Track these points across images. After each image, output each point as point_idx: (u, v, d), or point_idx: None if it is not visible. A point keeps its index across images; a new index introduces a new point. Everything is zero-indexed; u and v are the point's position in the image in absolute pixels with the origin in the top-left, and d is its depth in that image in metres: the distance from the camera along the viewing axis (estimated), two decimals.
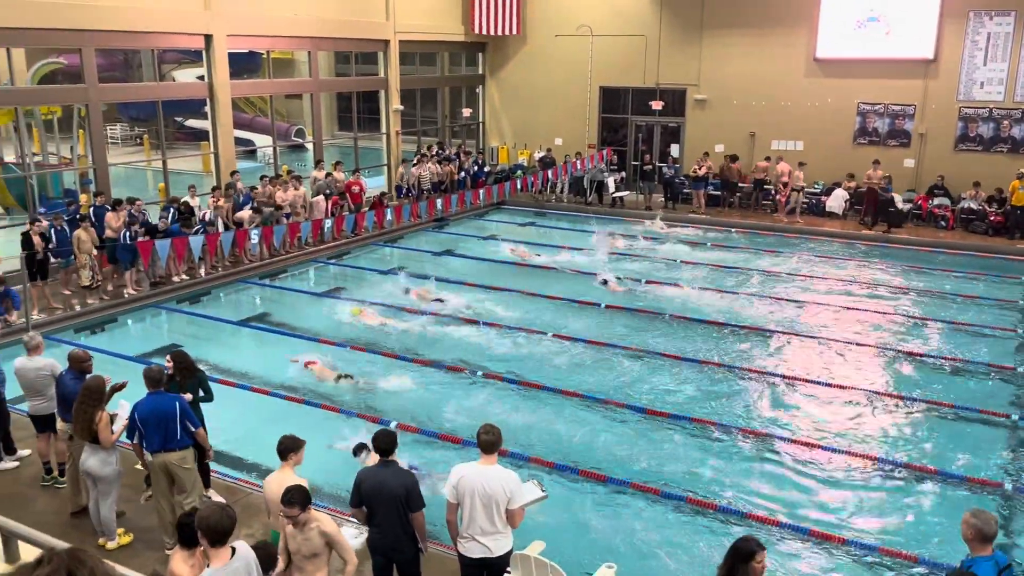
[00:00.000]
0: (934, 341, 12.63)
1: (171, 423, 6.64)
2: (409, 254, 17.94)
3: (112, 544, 6.96)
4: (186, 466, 6.80)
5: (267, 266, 16.29)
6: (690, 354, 11.87)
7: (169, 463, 6.73)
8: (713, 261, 17.16)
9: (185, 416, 6.73)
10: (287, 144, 25.44)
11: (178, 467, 6.75)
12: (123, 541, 7.05)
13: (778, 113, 22.02)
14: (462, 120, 26.38)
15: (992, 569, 4.73)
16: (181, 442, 6.73)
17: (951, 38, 19.96)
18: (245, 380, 10.80)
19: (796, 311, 14.12)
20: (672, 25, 22.95)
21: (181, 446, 6.74)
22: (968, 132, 20.22)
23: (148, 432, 6.65)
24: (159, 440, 6.66)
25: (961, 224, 19.54)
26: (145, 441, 6.70)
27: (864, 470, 8.78)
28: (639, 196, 22.82)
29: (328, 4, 20.16)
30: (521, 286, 14.96)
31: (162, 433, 6.65)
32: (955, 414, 10.04)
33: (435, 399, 10.34)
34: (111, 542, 6.97)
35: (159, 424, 6.62)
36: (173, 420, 6.65)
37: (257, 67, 21.70)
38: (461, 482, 5.44)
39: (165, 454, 6.69)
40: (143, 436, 6.69)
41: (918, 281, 15.93)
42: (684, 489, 8.26)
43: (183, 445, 6.75)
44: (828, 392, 10.70)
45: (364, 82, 23.00)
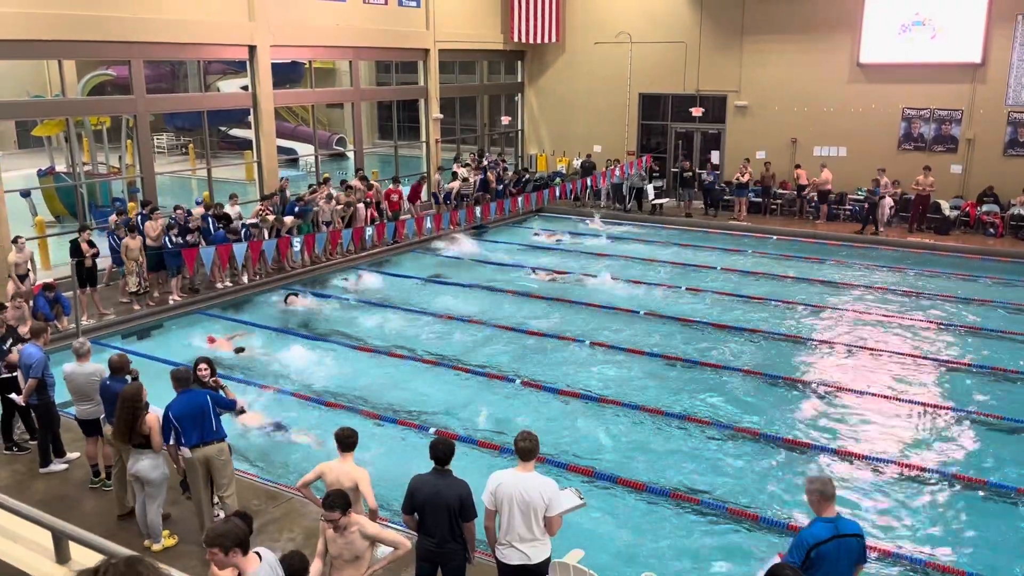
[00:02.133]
0: (982, 350, 12.34)
1: (207, 416, 6.89)
2: (444, 261, 18.02)
3: (157, 546, 7.10)
4: (223, 458, 7.01)
5: (308, 273, 16.50)
6: (728, 361, 11.76)
7: (209, 456, 6.92)
8: (745, 267, 16.99)
9: (218, 404, 7.05)
10: (328, 153, 25.74)
11: (217, 459, 6.95)
12: (168, 543, 7.18)
13: (820, 119, 21.74)
14: (501, 128, 26.47)
15: (828, 530, 4.82)
16: (218, 434, 6.98)
17: (999, 42, 19.54)
18: (284, 385, 10.94)
19: (836, 319, 13.90)
20: (712, 31, 22.80)
21: (219, 438, 6.98)
22: (1018, 137, 19.76)
23: (185, 428, 6.84)
24: (197, 435, 6.87)
25: (1011, 231, 19.09)
26: (184, 437, 6.86)
27: (914, 482, 8.60)
28: (679, 203, 22.67)
29: (369, 14, 20.39)
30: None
31: (199, 427, 6.87)
32: (1008, 425, 9.79)
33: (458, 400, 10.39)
34: (156, 544, 7.11)
35: (195, 419, 6.85)
36: (208, 413, 6.89)
37: (299, 77, 22.00)
38: (499, 489, 5.44)
39: (204, 447, 6.90)
40: (179, 435, 6.85)
41: (966, 289, 15.59)
42: (722, 499, 8.18)
43: (220, 437, 7.00)
44: (875, 403, 10.50)
45: (404, 91, 23.21)
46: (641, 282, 15.96)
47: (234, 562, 4.27)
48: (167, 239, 14.13)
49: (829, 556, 4.81)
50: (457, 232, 19.49)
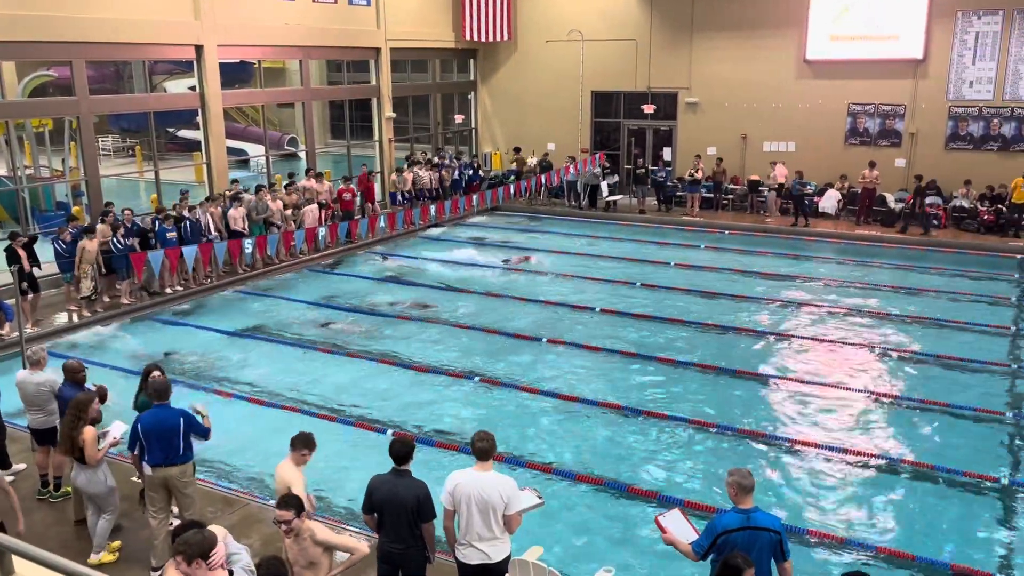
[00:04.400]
0: (929, 339, 12.67)
1: (175, 437, 6.55)
2: (403, 262, 17.93)
3: (93, 559, 6.87)
4: (186, 479, 6.73)
5: (262, 275, 16.30)
6: (683, 355, 11.90)
7: (170, 477, 6.63)
8: (708, 263, 17.23)
9: (191, 429, 6.64)
10: (280, 153, 25.41)
11: (178, 480, 6.66)
12: (105, 559, 6.93)
13: (769, 115, 22.09)
14: (455, 126, 26.41)
15: (739, 521, 4.91)
16: (183, 456, 6.65)
17: (940, 38, 20.05)
18: (241, 390, 10.80)
19: (787, 312, 14.16)
20: (662, 29, 23.03)
21: (183, 460, 6.66)
22: (959, 131, 20.31)
23: (150, 446, 6.55)
24: (162, 455, 6.57)
25: (953, 223, 19.62)
26: (147, 455, 6.60)
27: (861, 468, 8.80)
28: (632, 200, 22.87)
29: (319, 13, 20.18)
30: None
31: (165, 447, 6.55)
32: (950, 412, 10.07)
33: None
34: (94, 557, 6.90)
35: (162, 438, 6.53)
36: (178, 435, 6.56)
37: (249, 77, 21.68)
38: (457, 489, 5.43)
39: (166, 468, 6.60)
40: (144, 449, 6.59)
41: (911, 280, 15.99)
42: (679, 491, 8.27)
43: (184, 459, 6.68)
44: (823, 392, 10.72)
45: (356, 90, 23.02)
46: (597, 279, 16.08)
47: (196, 574, 4.20)
48: (113, 242, 13.83)
49: (737, 546, 4.86)
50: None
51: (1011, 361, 11.76)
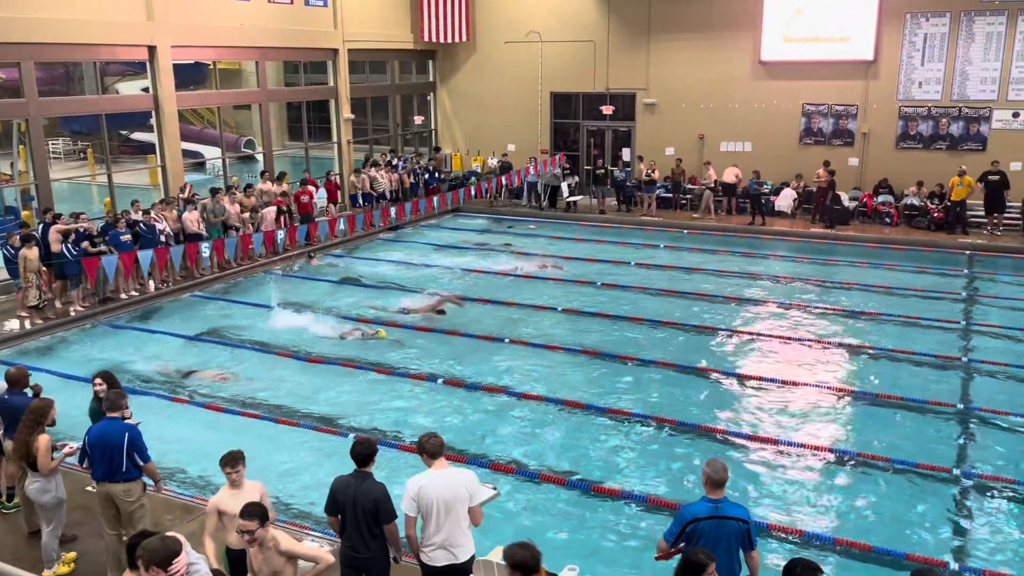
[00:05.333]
0: (882, 334, 12.94)
1: (116, 454, 6.33)
2: (364, 263, 17.82)
3: (48, 573, 6.72)
4: (130, 499, 6.49)
5: (220, 279, 16.09)
6: (644, 354, 11.99)
7: (113, 494, 6.46)
8: (668, 262, 17.39)
9: (133, 448, 6.39)
10: (237, 155, 25.09)
11: (122, 499, 6.47)
12: (60, 571, 6.78)
13: (726, 115, 22.37)
14: (414, 128, 26.32)
15: (708, 510, 5.06)
16: (126, 474, 6.42)
17: (890, 40, 20.49)
18: (198, 397, 10.64)
19: (746, 309, 14.36)
20: (620, 30, 23.19)
21: (126, 478, 6.43)
22: (909, 130, 20.77)
23: (94, 460, 6.39)
24: (104, 470, 6.39)
25: (905, 220, 20.06)
26: (92, 468, 6.45)
27: (818, 462, 8.95)
28: (592, 200, 23.00)
29: (274, 13, 19.97)
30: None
31: (107, 463, 6.36)
32: (904, 405, 10.29)
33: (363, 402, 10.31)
34: (47, 570, 6.75)
35: (105, 453, 6.35)
36: (119, 452, 6.33)
37: (204, 78, 21.38)
38: (422, 492, 5.39)
39: (109, 484, 6.43)
40: (91, 463, 6.44)
41: (865, 276, 16.30)
42: (644, 489, 8.34)
43: (128, 477, 6.44)
44: (780, 388, 10.89)
45: (313, 91, 22.83)
46: (558, 279, 16.15)
47: None
48: (66, 248, 13.54)
49: (705, 534, 5.00)
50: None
51: (961, 354, 12.06)
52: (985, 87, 19.83)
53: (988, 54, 19.66)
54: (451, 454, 7.38)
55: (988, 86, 19.80)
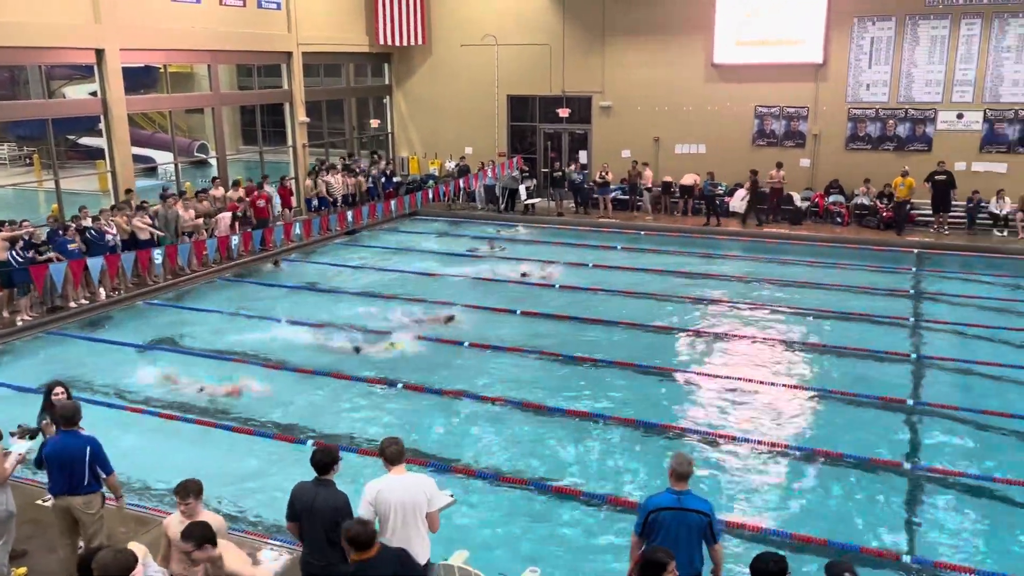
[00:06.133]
0: (835, 332, 13.18)
1: (78, 467, 6.22)
2: (323, 268, 17.66)
3: None
4: (90, 511, 6.39)
5: (173, 286, 15.81)
6: (603, 354, 12.06)
7: (73, 507, 6.33)
8: (625, 263, 17.52)
9: (96, 460, 6.30)
10: (189, 160, 24.68)
11: (82, 511, 6.34)
12: None
13: (680, 118, 22.61)
14: (370, 131, 26.16)
15: (670, 501, 5.18)
16: (88, 487, 6.32)
17: (838, 43, 20.90)
18: (152, 405, 10.44)
19: (702, 309, 14.53)
20: (575, 33, 23.31)
21: (88, 491, 6.33)
22: (858, 132, 21.21)
23: (53, 473, 6.26)
24: (64, 483, 6.26)
25: (855, 220, 20.47)
26: (49, 482, 6.30)
27: (774, 458, 9.09)
28: (550, 203, 23.08)
29: (226, 16, 19.70)
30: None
31: (67, 477, 6.24)
32: (856, 401, 10.50)
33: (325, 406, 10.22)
34: None
35: (65, 466, 6.22)
36: (81, 464, 6.22)
37: (154, 81, 21.00)
38: (380, 497, 5.37)
39: (69, 497, 6.30)
40: (49, 475, 6.30)
41: (818, 275, 16.60)
42: (604, 489, 8.39)
43: (90, 490, 6.34)
44: (737, 385, 11.04)
45: (267, 95, 22.56)
46: (516, 281, 16.16)
47: None
48: (12, 255, 13.18)
49: (665, 525, 5.09)
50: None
51: (911, 351, 12.34)
52: (930, 89, 20.34)
53: (932, 57, 20.17)
54: (411, 458, 7.35)
55: (933, 88, 20.31)
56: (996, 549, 7.47)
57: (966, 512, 8.08)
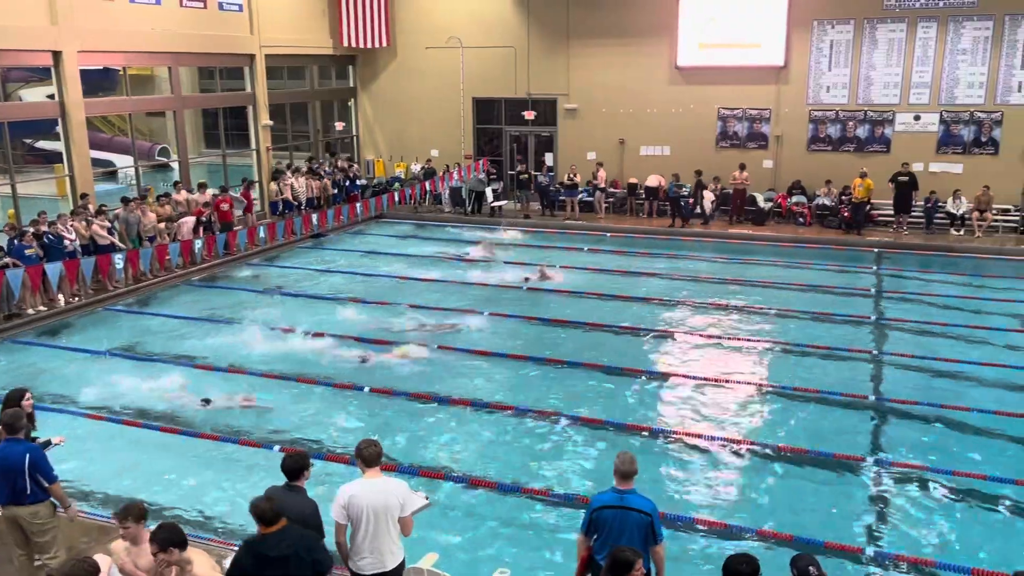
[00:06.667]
0: (798, 330, 13.37)
1: (19, 476, 6.06)
2: (286, 272, 17.50)
3: None
4: (38, 521, 6.25)
5: (134, 291, 15.58)
6: (570, 356, 12.10)
7: (19, 517, 6.21)
8: (592, 265, 17.60)
9: (36, 469, 6.13)
10: (150, 164, 24.32)
11: (29, 523, 6.22)
12: None
13: (645, 120, 22.78)
14: (335, 134, 26.00)
15: (613, 500, 5.25)
16: (32, 497, 6.16)
17: (799, 46, 21.21)
18: (114, 413, 10.26)
19: (668, 309, 14.64)
20: (539, 36, 23.39)
21: (32, 500, 6.17)
22: (818, 133, 21.54)
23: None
24: (7, 493, 6.14)
25: (817, 220, 20.77)
26: None
27: (741, 456, 9.19)
28: (517, 205, 23.10)
29: (187, 18, 19.46)
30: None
31: (10, 486, 6.10)
32: (820, 398, 10.65)
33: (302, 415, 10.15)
34: None
35: (6, 476, 6.08)
36: (21, 474, 6.06)
37: (114, 84, 20.66)
38: (353, 501, 5.34)
39: (15, 508, 6.17)
40: None
41: (782, 275, 16.81)
42: (572, 489, 8.42)
43: (34, 500, 6.19)
44: (703, 385, 11.15)
45: (230, 98, 22.33)
46: (483, 283, 16.16)
47: None
48: None
49: (608, 523, 5.16)
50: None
51: (873, 348, 12.55)
52: (888, 91, 20.73)
53: (890, 60, 20.55)
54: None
55: (891, 90, 20.70)
56: (956, 541, 7.62)
57: (927, 506, 8.23)
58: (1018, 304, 14.67)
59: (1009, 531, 7.83)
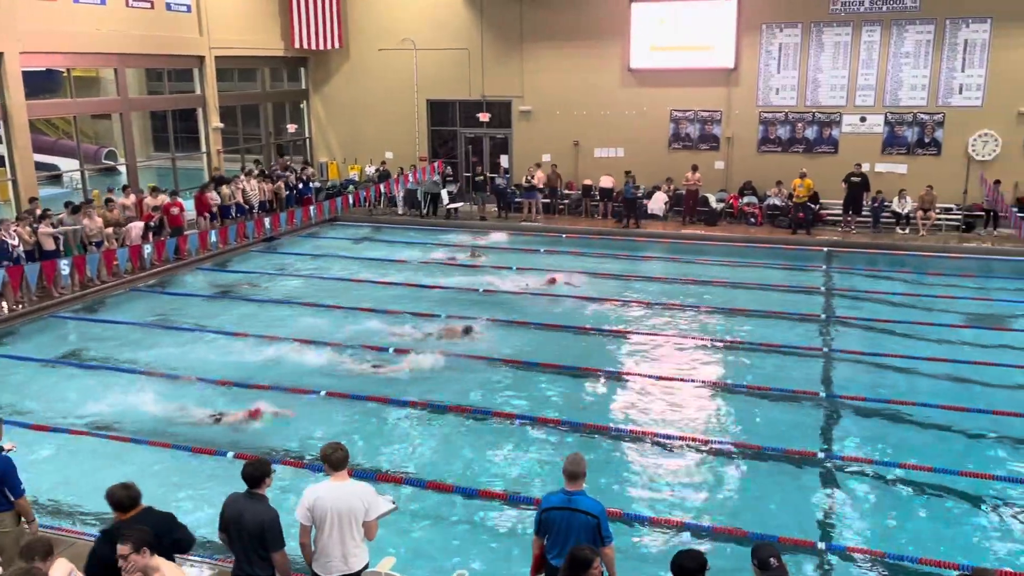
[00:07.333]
0: (751, 329, 13.57)
1: None
2: (240, 276, 17.25)
3: None
4: (3, 529, 6.18)
5: (81, 298, 15.21)
6: (527, 356, 12.13)
7: None
8: (550, 266, 17.67)
9: (3, 482, 6.07)
10: (97, 168, 23.77)
11: None
12: None
13: (599, 122, 22.95)
14: (287, 136, 25.72)
15: (561, 501, 5.30)
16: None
17: (748, 49, 21.57)
18: (62, 422, 10.01)
19: (624, 309, 14.76)
20: (493, 38, 23.42)
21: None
22: (768, 135, 21.92)
23: None
24: None
25: (768, 220, 21.13)
26: None
27: (696, 453, 9.30)
28: (473, 207, 23.10)
29: (133, 19, 19.09)
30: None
31: None
32: (773, 395, 10.84)
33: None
34: None
35: None
36: None
37: (57, 86, 20.17)
38: (317, 503, 5.33)
39: None
40: None
41: (734, 274, 17.06)
42: (523, 490, 8.44)
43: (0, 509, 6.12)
44: (659, 384, 11.26)
45: (179, 100, 21.96)
46: (440, 286, 16.11)
47: None
48: None
49: (555, 524, 5.24)
50: None
51: (823, 345, 12.81)
52: (835, 93, 21.18)
53: (837, 62, 21.01)
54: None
55: (838, 92, 21.15)
56: (904, 532, 7.81)
57: (877, 498, 8.42)
58: (961, 300, 15.10)
59: (955, 521, 8.04)
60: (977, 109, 20.14)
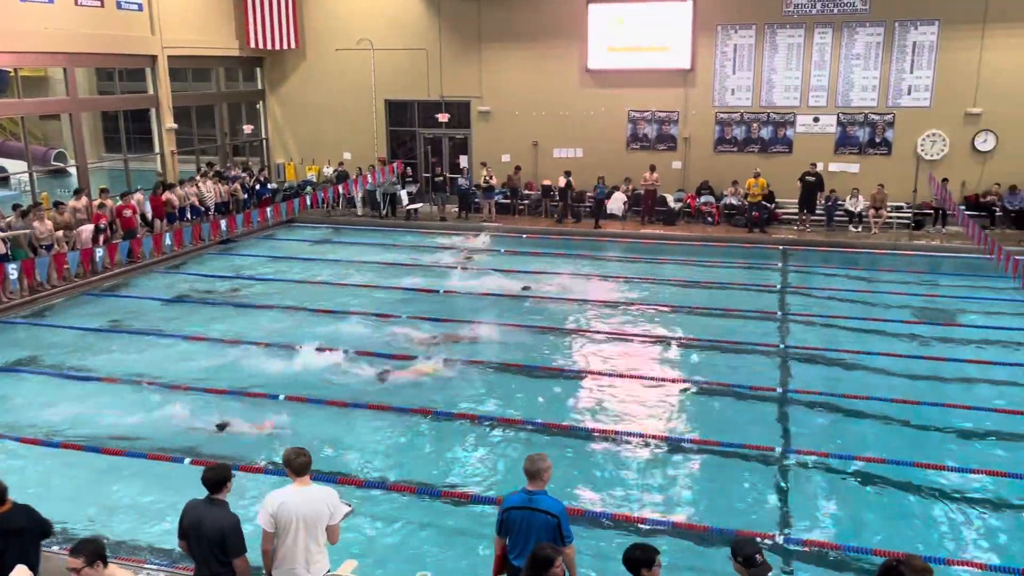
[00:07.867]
0: (709, 327, 13.72)
1: None
2: (196, 280, 16.97)
3: None
4: None
5: (30, 302, 14.85)
6: (488, 357, 12.12)
7: None
8: (511, 266, 17.68)
9: None
10: (46, 170, 23.24)
11: None
12: None
13: (557, 122, 23.02)
14: (243, 137, 25.38)
15: (522, 501, 5.31)
16: None
17: (704, 50, 21.80)
18: (8, 431, 9.76)
19: (583, 308, 14.83)
20: (451, 39, 23.37)
21: None
22: (725, 135, 22.19)
23: None
24: None
25: (725, 219, 21.40)
26: None
27: (656, 450, 9.37)
28: (433, 207, 23.02)
29: (83, 17, 18.68)
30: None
31: None
32: (731, 391, 10.97)
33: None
34: None
35: None
36: None
37: (4, 86, 19.66)
38: (281, 509, 5.26)
39: None
40: None
41: (692, 273, 17.25)
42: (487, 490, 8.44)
43: None
44: (618, 382, 11.35)
45: (131, 100, 21.55)
46: (399, 287, 16.04)
47: None
48: None
49: (516, 524, 5.26)
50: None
51: (779, 342, 13.00)
52: (789, 94, 21.52)
53: (790, 64, 21.34)
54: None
55: (791, 93, 21.49)
56: (860, 524, 7.96)
57: (833, 491, 8.57)
58: (911, 296, 15.46)
59: (907, 511, 8.22)
60: (925, 110, 20.62)
